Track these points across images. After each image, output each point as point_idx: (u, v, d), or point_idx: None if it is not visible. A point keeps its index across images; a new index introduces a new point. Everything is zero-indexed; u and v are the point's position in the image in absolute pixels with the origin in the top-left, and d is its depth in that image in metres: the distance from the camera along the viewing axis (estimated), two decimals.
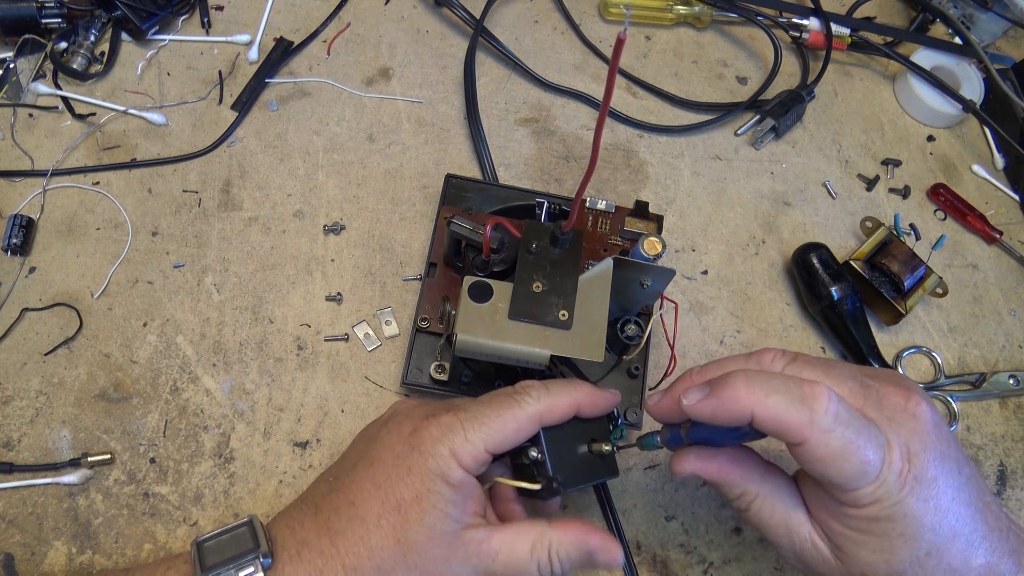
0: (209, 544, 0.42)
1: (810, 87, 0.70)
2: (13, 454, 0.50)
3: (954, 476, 0.38)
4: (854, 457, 0.36)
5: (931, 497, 0.37)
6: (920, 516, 0.37)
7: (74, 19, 0.63)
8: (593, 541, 0.42)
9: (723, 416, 0.38)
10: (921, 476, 0.37)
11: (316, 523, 0.42)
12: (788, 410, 0.36)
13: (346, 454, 0.47)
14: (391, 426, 0.44)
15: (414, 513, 0.40)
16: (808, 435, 0.36)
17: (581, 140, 0.67)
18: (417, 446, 0.41)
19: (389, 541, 0.40)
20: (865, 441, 0.36)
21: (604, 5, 0.73)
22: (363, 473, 0.42)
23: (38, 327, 0.54)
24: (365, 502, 0.41)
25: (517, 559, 0.41)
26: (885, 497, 0.36)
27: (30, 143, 0.60)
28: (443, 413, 0.42)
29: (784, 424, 0.36)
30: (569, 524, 0.42)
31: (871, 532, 0.37)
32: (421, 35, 0.70)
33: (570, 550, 0.41)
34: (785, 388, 0.37)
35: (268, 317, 0.56)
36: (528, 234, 0.48)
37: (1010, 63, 0.76)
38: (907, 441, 0.37)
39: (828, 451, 0.36)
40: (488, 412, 0.42)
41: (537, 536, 0.41)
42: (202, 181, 0.60)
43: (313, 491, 0.45)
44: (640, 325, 0.53)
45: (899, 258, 0.61)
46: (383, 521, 0.40)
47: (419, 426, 0.42)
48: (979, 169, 0.71)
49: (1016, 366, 0.63)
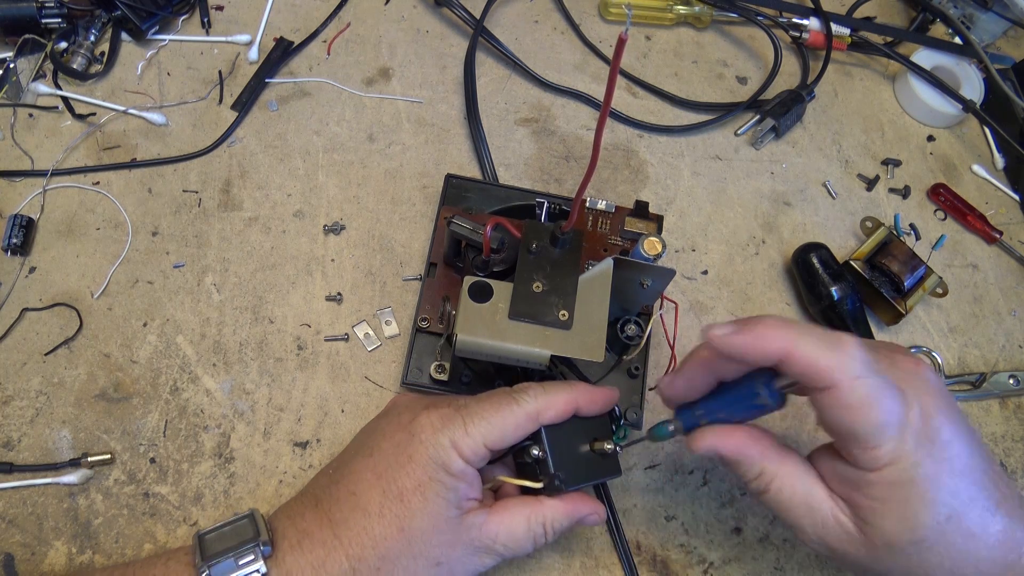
0: (210, 536, 0.42)
1: (810, 87, 0.70)
2: (13, 454, 0.50)
3: (967, 441, 0.38)
4: (880, 406, 0.36)
5: (947, 459, 0.37)
6: (938, 478, 0.36)
7: (74, 19, 0.63)
8: (583, 510, 0.45)
9: (753, 352, 0.37)
10: (936, 438, 0.37)
11: (317, 514, 0.42)
12: (820, 352, 0.36)
13: (346, 449, 0.47)
14: (390, 416, 0.45)
15: (416, 501, 0.41)
16: (839, 379, 0.35)
17: (581, 140, 0.67)
18: (417, 435, 0.42)
19: (392, 530, 0.41)
20: (890, 392, 0.36)
21: (604, 5, 0.73)
22: (363, 463, 0.43)
23: (38, 327, 0.54)
24: (366, 492, 0.42)
25: (515, 537, 0.43)
26: (904, 456, 0.36)
27: (30, 143, 0.60)
28: (442, 405, 0.43)
29: (815, 366, 0.36)
30: (556, 499, 0.44)
31: (892, 499, 0.37)
32: (421, 35, 0.70)
33: (562, 521, 0.44)
34: (816, 332, 0.37)
35: (268, 317, 0.56)
36: (528, 234, 0.48)
37: (1010, 63, 0.76)
38: (922, 401, 0.37)
39: (855, 397, 0.35)
40: (487, 408, 0.42)
41: (531, 512, 0.44)
42: (202, 181, 0.60)
43: (313, 484, 0.45)
44: (640, 325, 0.53)
45: (899, 258, 0.61)
46: (385, 510, 0.41)
47: (418, 415, 0.43)
48: (979, 169, 0.71)
49: (1016, 366, 0.63)
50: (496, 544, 0.43)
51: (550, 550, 0.52)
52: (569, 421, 0.44)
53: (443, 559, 0.42)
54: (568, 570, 0.51)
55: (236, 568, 0.40)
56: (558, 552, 0.52)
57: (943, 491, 0.37)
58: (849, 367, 0.35)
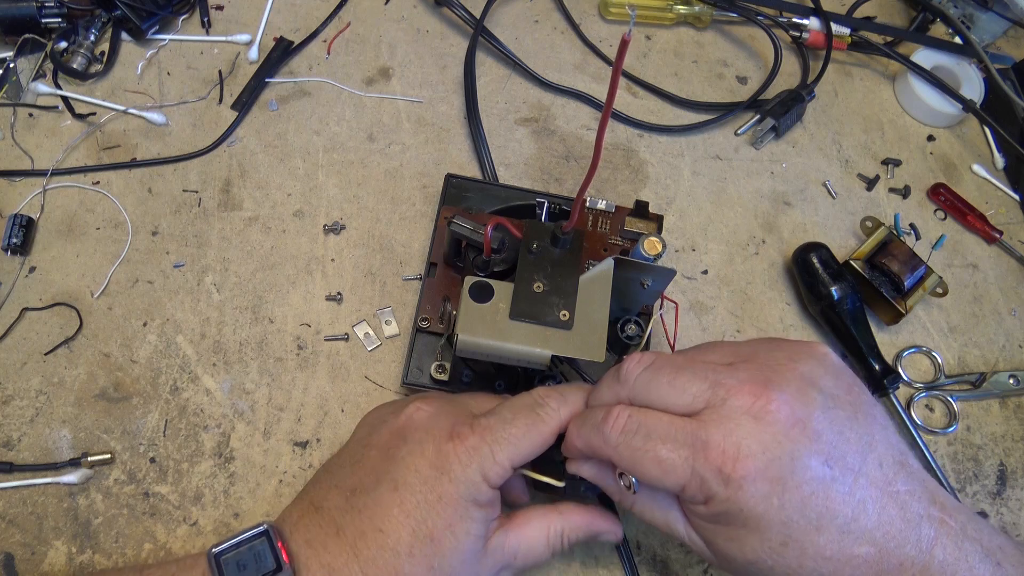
0: (227, 557, 0.41)
1: (810, 87, 0.70)
2: (13, 454, 0.50)
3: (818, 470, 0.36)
4: (647, 460, 0.38)
5: (775, 494, 0.36)
6: (761, 512, 0.36)
7: (74, 19, 0.63)
8: (602, 526, 0.46)
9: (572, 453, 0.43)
10: (755, 475, 0.36)
11: (340, 546, 0.41)
12: (590, 437, 0.40)
13: (357, 458, 0.45)
14: (412, 445, 0.43)
15: (448, 542, 0.41)
16: (607, 452, 0.39)
17: (581, 140, 0.67)
18: (447, 472, 0.41)
19: (422, 569, 0.40)
20: (658, 444, 0.38)
21: (604, 5, 0.73)
22: (389, 498, 0.41)
23: (38, 327, 0.54)
24: (395, 531, 0.40)
25: (535, 552, 0.44)
26: (713, 496, 0.37)
27: (30, 143, 0.60)
28: (468, 433, 0.42)
29: (591, 449, 0.40)
30: (575, 510, 0.46)
31: (718, 523, 0.38)
32: (421, 35, 0.70)
33: (579, 534, 0.45)
34: (591, 418, 0.41)
35: (268, 317, 0.56)
36: (529, 234, 0.48)
37: (1010, 63, 0.76)
38: (738, 441, 0.36)
39: (623, 461, 0.39)
40: (513, 431, 0.42)
41: (550, 524, 0.45)
42: (202, 181, 0.60)
43: (325, 500, 0.43)
44: (640, 325, 0.53)
45: (899, 258, 0.61)
46: (415, 551, 0.40)
47: (444, 449, 0.42)
48: (979, 169, 0.71)
49: (1016, 366, 0.63)
50: (516, 560, 0.44)
51: None
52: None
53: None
54: (568, 570, 0.51)
55: None
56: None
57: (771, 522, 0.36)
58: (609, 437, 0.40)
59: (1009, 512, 0.57)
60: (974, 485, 0.58)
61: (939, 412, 0.61)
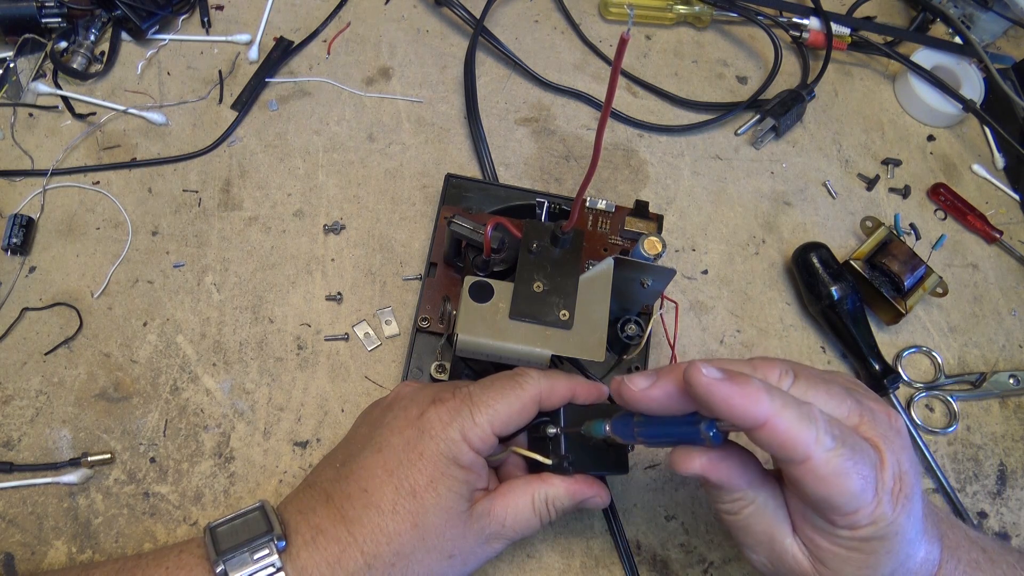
0: (222, 529, 0.42)
1: (810, 87, 0.70)
2: (13, 454, 0.50)
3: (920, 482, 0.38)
4: (853, 475, 0.35)
5: (914, 512, 0.37)
6: (907, 532, 0.37)
7: (74, 19, 0.63)
8: (586, 492, 0.46)
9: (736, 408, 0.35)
10: (910, 493, 0.37)
11: (329, 510, 0.42)
12: (797, 427, 0.35)
13: (350, 437, 0.47)
14: (396, 411, 0.45)
15: (430, 497, 0.42)
16: (813, 452, 0.35)
17: (581, 140, 0.67)
18: (427, 431, 0.42)
19: (406, 526, 0.41)
20: (861, 460, 0.36)
21: (604, 5, 0.73)
22: (372, 459, 0.43)
23: (38, 327, 0.54)
24: (378, 489, 0.42)
25: (522, 519, 0.44)
26: (881, 518, 0.36)
27: (30, 143, 0.60)
28: (449, 397, 0.44)
29: (793, 439, 0.35)
30: (558, 478, 0.45)
31: (860, 551, 0.37)
32: (421, 35, 0.70)
33: (564, 500, 0.45)
34: (792, 404, 0.36)
35: (268, 317, 0.56)
36: (528, 234, 0.48)
37: (1010, 63, 0.76)
38: (898, 459, 0.37)
39: (830, 469, 0.35)
40: (492, 395, 0.43)
41: (534, 491, 0.45)
42: (202, 181, 0.60)
43: (319, 476, 0.45)
44: (640, 325, 0.53)
45: (899, 258, 0.61)
46: (399, 507, 0.42)
47: (426, 410, 0.43)
48: (979, 169, 0.71)
49: (1016, 366, 0.63)
50: (505, 528, 0.44)
51: (550, 549, 0.52)
52: (588, 408, 0.45)
53: (456, 551, 0.43)
54: (568, 570, 0.51)
55: (251, 562, 0.40)
56: (558, 552, 0.52)
57: (907, 542, 0.37)
58: (823, 440, 0.35)
59: (1009, 512, 0.58)
60: (974, 485, 0.58)
61: (939, 412, 0.61)
